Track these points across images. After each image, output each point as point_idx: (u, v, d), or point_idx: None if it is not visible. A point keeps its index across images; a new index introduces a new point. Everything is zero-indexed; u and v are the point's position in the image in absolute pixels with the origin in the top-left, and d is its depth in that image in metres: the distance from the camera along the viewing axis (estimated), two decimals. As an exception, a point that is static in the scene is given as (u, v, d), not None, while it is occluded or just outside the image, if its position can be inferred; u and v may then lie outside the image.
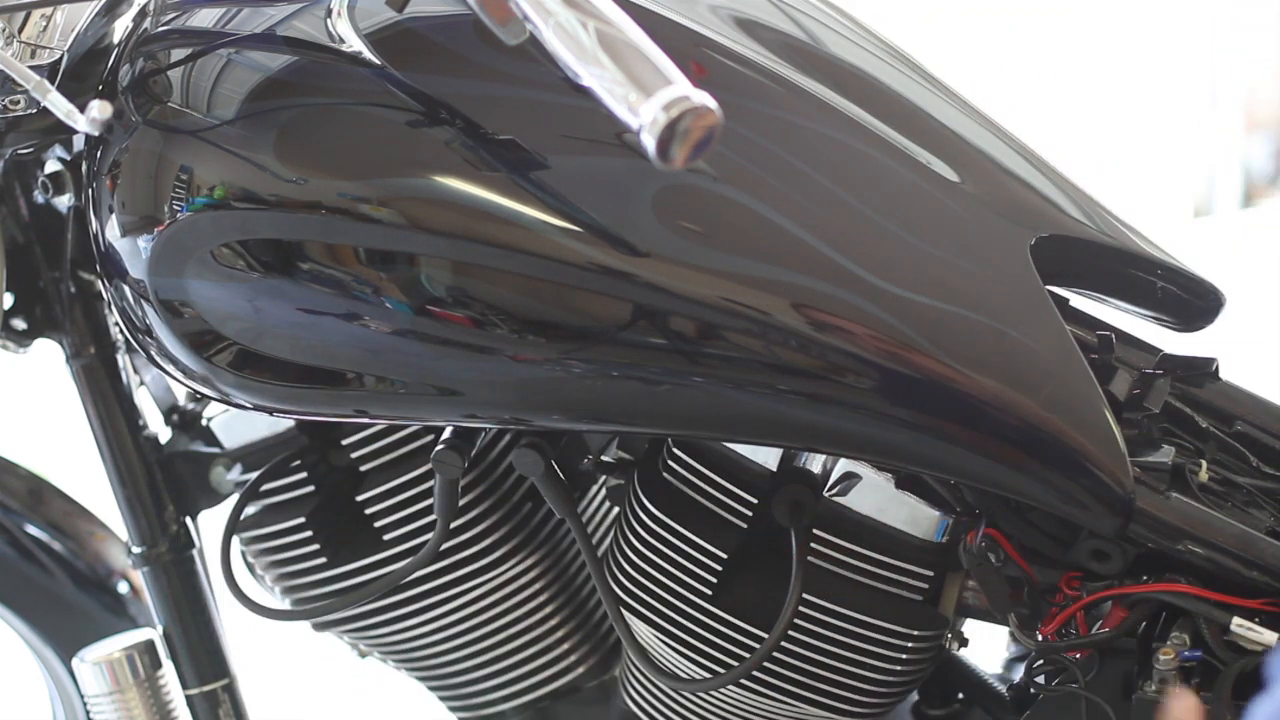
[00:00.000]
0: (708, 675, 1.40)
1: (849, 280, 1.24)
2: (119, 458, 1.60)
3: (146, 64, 1.34)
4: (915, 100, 1.35)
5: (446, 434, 1.42)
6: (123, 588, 1.73)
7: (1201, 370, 1.40)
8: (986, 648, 1.55)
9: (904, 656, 1.39)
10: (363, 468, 1.50)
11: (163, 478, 1.61)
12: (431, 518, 1.47)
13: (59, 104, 1.27)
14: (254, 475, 1.54)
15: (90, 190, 1.35)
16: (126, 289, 1.33)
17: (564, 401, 1.28)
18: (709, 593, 1.39)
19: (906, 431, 1.25)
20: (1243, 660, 1.26)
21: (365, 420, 1.46)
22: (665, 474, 1.40)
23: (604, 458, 1.46)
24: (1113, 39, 4.62)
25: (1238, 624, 1.26)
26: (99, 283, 1.53)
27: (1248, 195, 4.77)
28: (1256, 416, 1.39)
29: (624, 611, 1.42)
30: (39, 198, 1.57)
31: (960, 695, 1.53)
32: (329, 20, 1.30)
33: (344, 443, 1.51)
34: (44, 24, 1.38)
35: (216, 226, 1.28)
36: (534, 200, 1.24)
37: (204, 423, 1.61)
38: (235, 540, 1.54)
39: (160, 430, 1.64)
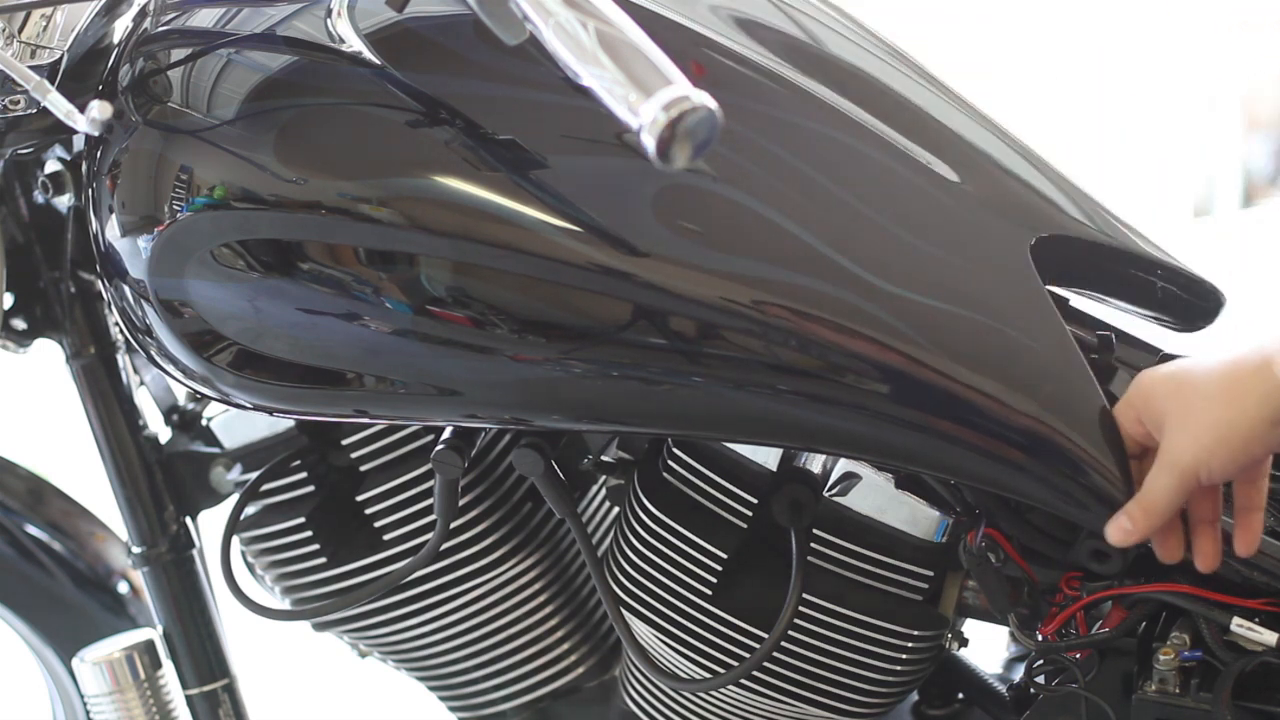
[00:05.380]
0: (708, 675, 1.40)
1: (849, 280, 1.24)
2: (119, 458, 1.61)
3: (146, 64, 1.34)
4: (915, 100, 1.35)
5: (446, 434, 1.42)
6: (123, 588, 1.73)
7: (1201, 370, 1.40)
8: (986, 648, 1.55)
9: (904, 656, 1.39)
10: (363, 468, 1.50)
11: (163, 478, 1.61)
12: (431, 518, 1.47)
13: (59, 104, 1.28)
14: (254, 475, 1.54)
15: (90, 190, 1.35)
16: (126, 289, 1.33)
17: (564, 401, 1.28)
18: (709, 593, 1.39)
19: (906, 431, 1.25)
20: (1243, 660, 1.26)
21: (365, 420, 1.46)
22: (665, 474, 1.40)
23: (604, 458, 1.46)
24: (1112, 39, 4.62)
25: (1238, 624, 1.26)
26: (99, 283, 1.53)
27: (1248, 195, 4.77)
28: (1256, 416, 1.39)
29: (624, 611, 1.42)
30: (39, 198, 1.57)
31: (960, 695, 1.53)
32: (329, 20, 1.30)
33: (344, 443, 1.51)
34: (44, 24, 1.38)
35: (216, 226, 1.28)
36: (534, 200, 1.24)
37: (204, 423, 1.61)
38: (235, 540, 1.54)
39: (160, 430, 1.64)
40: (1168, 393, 1.21)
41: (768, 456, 1.38)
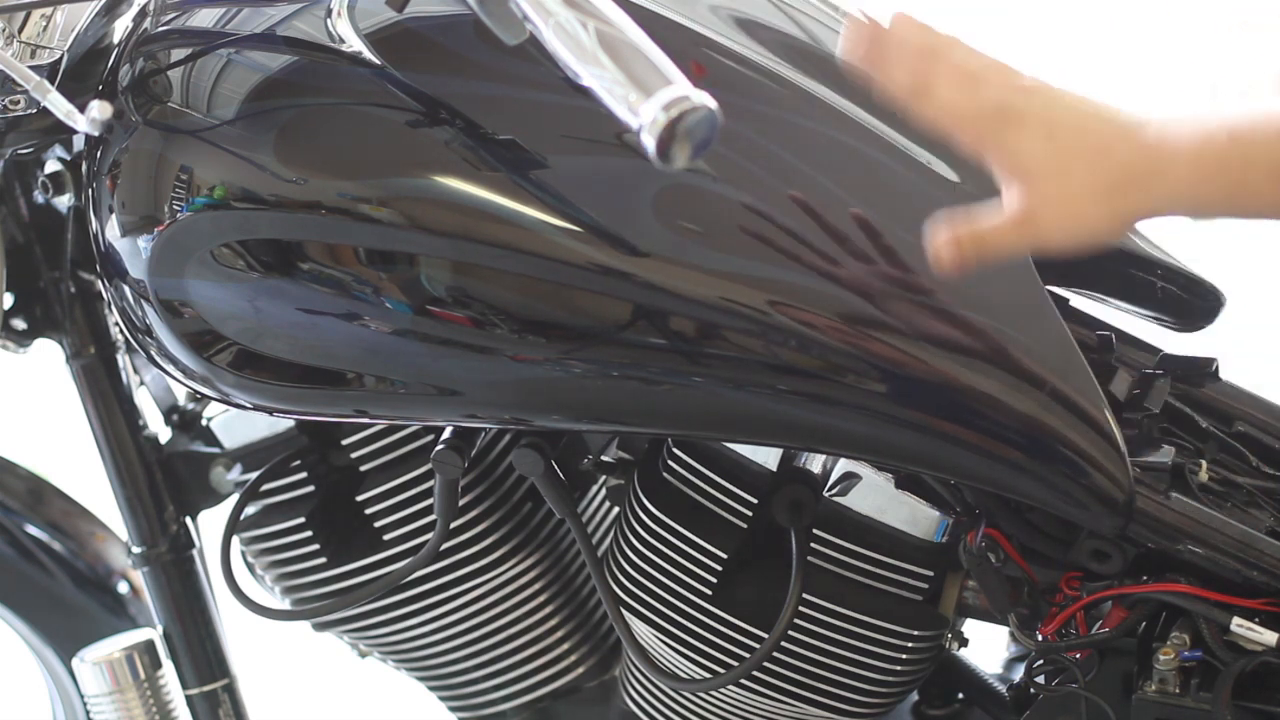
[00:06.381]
0: (708, 675, 1.40)
1: (849, 280, 1.24)
2: (119, 458, 1.60)
3: (146, 64, 1.34)
4: (915, 100, 1.35)
5: (446, 434, 1.42)
6: (123, 588, 1.73)
7: (1201, 370, 1.40)
8: (986, 648, 1.55)
9: (904, 656, 1.39)
10: (363, 468, 1.50)
11: (163, 478, 1.61)
12: (431, 518, 1.47)
13: (59, 104, 1.28)
14: (254, 475, 1.54)
15: (90, 190, 1.35)
16: (126, 289, 1.33)
17: (564, 401, 1.28)
18: (709, 593, 1.39)
19: (906, 431, 1.25)
20: (1243, 660, 1.26)
21: (365, 420, 1.46)
22: (665, 474, 1.40)
23: (604, 458, 1.46)
24: (1113, 39, 4.62)
25: (1238, 624, 1.26)
26: (99, 283, 1.53)
27: (1248, 195, 4.76)
28: (1256, 416, 1.39)
29: (624, 611, 1.42)
30: (39, 198, 1.57)
31: (960, 695, 1.53)
32: (329, 20, 1.30)
33: (344, 443, 1.51)
34: (44, 24, 1.38)
35: (216, 226, 1.28)
36: (534, 200, 1.24)
37: (204, 423, 1.61)
38: (235, 540, 1.54)
39: (160, 430, 1.64)
40: (1048, 152, 1.13)
41: (768, 456, 1.38)
